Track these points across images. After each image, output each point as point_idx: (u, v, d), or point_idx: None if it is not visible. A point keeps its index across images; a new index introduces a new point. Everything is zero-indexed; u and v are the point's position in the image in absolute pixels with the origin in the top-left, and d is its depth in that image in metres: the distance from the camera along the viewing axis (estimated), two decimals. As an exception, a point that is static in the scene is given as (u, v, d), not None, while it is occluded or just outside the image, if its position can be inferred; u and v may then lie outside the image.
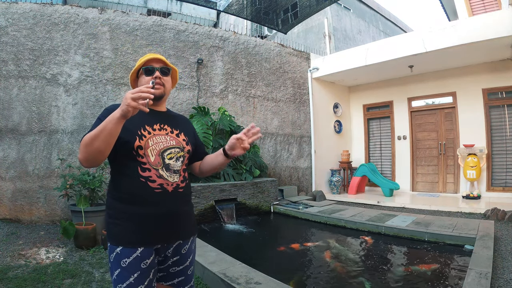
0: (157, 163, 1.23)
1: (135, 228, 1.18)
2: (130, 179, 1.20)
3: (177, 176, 1.27)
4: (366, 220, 4.38)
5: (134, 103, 1.00)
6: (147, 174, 1.20)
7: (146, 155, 1.22)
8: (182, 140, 1.36)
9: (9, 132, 4.50)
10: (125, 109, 1.01)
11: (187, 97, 5.78)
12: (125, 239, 1.17)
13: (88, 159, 1.10)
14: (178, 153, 1.31)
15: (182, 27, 5.81)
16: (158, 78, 1.31)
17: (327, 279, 2.83)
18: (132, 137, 1.20)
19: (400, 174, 7.44)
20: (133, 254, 1.16)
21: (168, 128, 1.34)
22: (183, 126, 1.43)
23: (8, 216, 4.40)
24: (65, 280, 2.64)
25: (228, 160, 1.38)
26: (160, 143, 1.27)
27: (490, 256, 2.71)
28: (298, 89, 7.35)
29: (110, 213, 1.24)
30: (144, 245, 1.18)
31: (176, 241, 1.28)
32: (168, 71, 1.37)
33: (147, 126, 1.26)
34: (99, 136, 1.05)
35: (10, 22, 4.59)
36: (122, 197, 1.21)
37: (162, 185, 1.21)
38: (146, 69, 1.32)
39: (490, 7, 6.67)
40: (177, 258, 1.30)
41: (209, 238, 3.68)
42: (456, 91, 6.66)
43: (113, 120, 1.04)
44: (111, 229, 1.22)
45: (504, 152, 6.07)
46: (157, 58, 1.34)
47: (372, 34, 11.75)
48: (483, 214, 4.68)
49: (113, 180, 1.27)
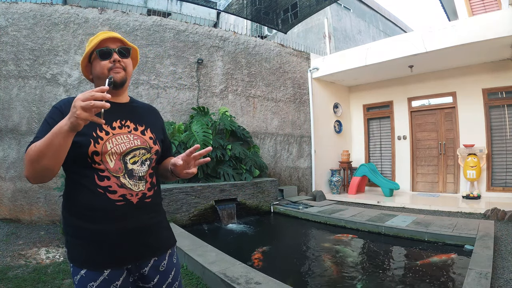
0: (118, 169, 1.03)
1: (97, 249, 1.00)
2: (87, 190, 1.00)
3: (142, 184, 1.07)
4: (366, 220, 4.37)
5: (84, 114, 0.80)
6: (105, 184, 1.00)
7: (104, 161, 1.01)
8: (148, 138, 1.14)
9: (9, 132, 4.50)
10: (74, 122, 0.81)
11: (187, 97, 5.78)
12: (88, 261, 1.00)
13: (35, 177, 0.93)
14: (144, 155, 1.10)
15: (182, 27, 5.81)
16: (116, 61, 1.09)
17: (327, 278, 2.83)
18: (85, 141, 0.99)
19: (400, 174, 7.44)
20: (100, 277, 1.00)
21: (131, 124, 1.12)
22: (149, 120, 1.20)
23: (8, 216, 4.40)
24: (65, 280, 2.63)
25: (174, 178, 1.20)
26: (121, 144, 1.05)
27: (490, 256, 2.71)
28: (298, 89, 7.35)
29: (67, 231, 1.06)
30: (111, 266, 1.01)
31: (150, 258, 1.10)
32: (127, 52, 1.14)
33: (103, 125, 1.04)
34: (45, 152, 0.87)
35: (10, 22, 4.59)
36: (79, 212, 1.01)
37: (124, 196, 1.02)
38: (101, 51, 1.08)
39: (490, 7, 6.67)
40: (158, 278, 1.12)
41: (209, 238, 3.69)
42: (456, 91, 6.66)
43: (61, 134, 0.85)
44: (72, 249, 1.04)
45: (504, 152, 6.07)
46: (113, 36, 1.11)
47: (372, 34, 11.76)
48: (483, 214, 4.68)
49: (67, 191, 1.07)
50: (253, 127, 6.58)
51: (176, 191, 4.53)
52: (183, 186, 4.65)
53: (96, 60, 1.10)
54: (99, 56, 1.09)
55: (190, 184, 4.82)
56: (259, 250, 3.60)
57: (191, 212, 4.64)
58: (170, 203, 4.44)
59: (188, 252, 2.96)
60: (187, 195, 4.63)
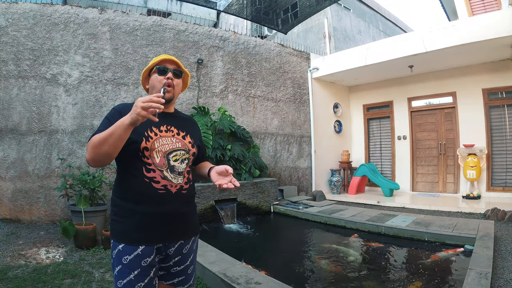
0: (162, 165, 1.24)
1: (137, 226, 1.20)
2: (135, 179, 1.22)
3: (181, 178, 1.28)
4: (366, 220, 4.38)
5: (144, 113, 1.02)
6: (151, 175, 1.22)
7: (151, 157, 1.23)
8: (188, 142, 1.36)
9: (9, 132, 4.50)
10: (134, 117, 1.03)
11: (187, 97, 5.78)
12: (127, 237, 1.20)
13: (96, 160, 1.14)
14: (184, 155, 1.32)
15: (182, 27, 5.81)
16: (170, 79, 1.32)
17: (327, 278, 2.82)
18: (138, 138, 1.21)
19: (400, 174, 7.44)
20: (134, 252, 1.18)
21: (174, 130, 1.35)
22: (190, 128, 1.44)
23: (8, 216, 4.40)
24: (65, 280, 2.64)
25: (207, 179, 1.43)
26: (166, 145, 1.28)
27: (490, 256, 2.71)
28: (298, 89, 7.35)
29: (114, 210, 1.27)
30: (145, 243, 1.20)
31: (178, 240, 1.30)
32: (180, 73, 1.38)
33: (153, 127, 1.27)
34: (107, 140, 1.08)
35: (10, 22, 4.59)
36: (126, 196, 1.23)
37: (166, 186, 1.23)
38: (159, 68, 1.33)
39: (490, 7, 6.67)
40: (179, 258, 1.31)
41: (209, 238, 3.68)
42: (456, 91, 6.66)
43: (122, 126, 1.06)
44: (114, 226, 1.25)
45: (504, 152, 6.07)
46: (172, 59, 1.36)
47: (372, 34, 11.76)
48: (483, 214, 4.68)
49: (118, 179, 1.30)
50: (253, 127, 6.58)
51: (176, 191, 4.52)
52: (183, 186, 4.64)
53: (154, 74, 1.34)
54: (157, 72, 1.33)
55: (190, 184, 4.81)
56: (259, 250, 3.60)
57: (191, 212, 4.64)
58: (170, 203, 4.43)
59: (188, 252, 2.96)
60: (187, 195, 4.62)
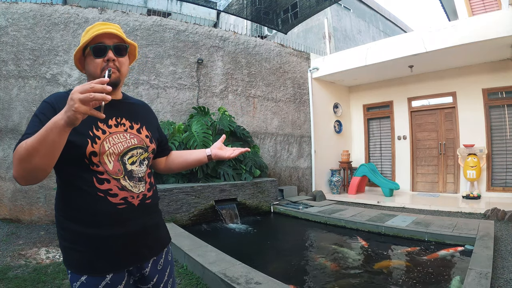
0: (117, 171, 0.98)
1: (98, 254, 0.95)
2: (85, 194, 0.94)
3: (142, 185, 1.03)
4: (366, 220, 4.37)
5: (83, 108, 0.72)
6: (106, 187, 0.95)
7: (102, 163, 0.95)
8: (145, 137, 1.09)
9: (9, 132, 4.50)
10: (71, 116, 0.72)
11: (187, 97, 5.78)
12: (89, 267, 0.95)
13: (25, 177, 0.82)
14: (142, 154, 1.05)
15: (182, 27, 5.81)
16: (112, 60, 1.00)
17: (327, 278, 2.82)
18: (82, 140, 0.92)
19: (400, 174, 7.44)
20: (102, 282, 0.95)
21: (126, 122, 1.06)
22: (144, 117, 1.15)
23: (8, 216, 4.40)
24: (65, 280, 2.63)
25: (207, 161, 1.26)
26: (118, 144, 1.00)
27: (490, 256, 2.71)
28: (298, 89, 7.35)
29: (64, 235, 0.98)
30: (113, 271, 0.97)
31: (151, 258, 1.08)
32: (125, 49, 1.05)
33: (99, 123, 0.98)
34: (38, 149, 0.77)
35: (10, 22, 4.59)
36: (76, 217, 0.96)
37: (126, 198, 0.98)
38: (95, 48, 0.99)
39: (490, 7, 6.67)
40: (156, 277, 1.11)
41: (209, 238, 3.68)
42: (456, 91, 6.66)
43: (56, 128, 0.75)
44: (68, 255, 0.98)
45: (504, 152, 6.07)
46: (109, 32, 1.00)
47: (372, 34, 11.76)
48: (483, 214, 4.68)
49: (62, 194, 0.99)
50: (253, 127, 6.58)
51: (176, 191, 4.53)
52: (183, 186, 4.65)
53: (90, 57, 1.01)
54: (93, 53, 1.00)
55: (190, 184, 4.82)
56: (259, 250, 3.60)
57: (191, 212, 4.64)
58: (170, 203, 4.43)
59: (188, 252, 2.96)
60: (187, 195, 4.63)
